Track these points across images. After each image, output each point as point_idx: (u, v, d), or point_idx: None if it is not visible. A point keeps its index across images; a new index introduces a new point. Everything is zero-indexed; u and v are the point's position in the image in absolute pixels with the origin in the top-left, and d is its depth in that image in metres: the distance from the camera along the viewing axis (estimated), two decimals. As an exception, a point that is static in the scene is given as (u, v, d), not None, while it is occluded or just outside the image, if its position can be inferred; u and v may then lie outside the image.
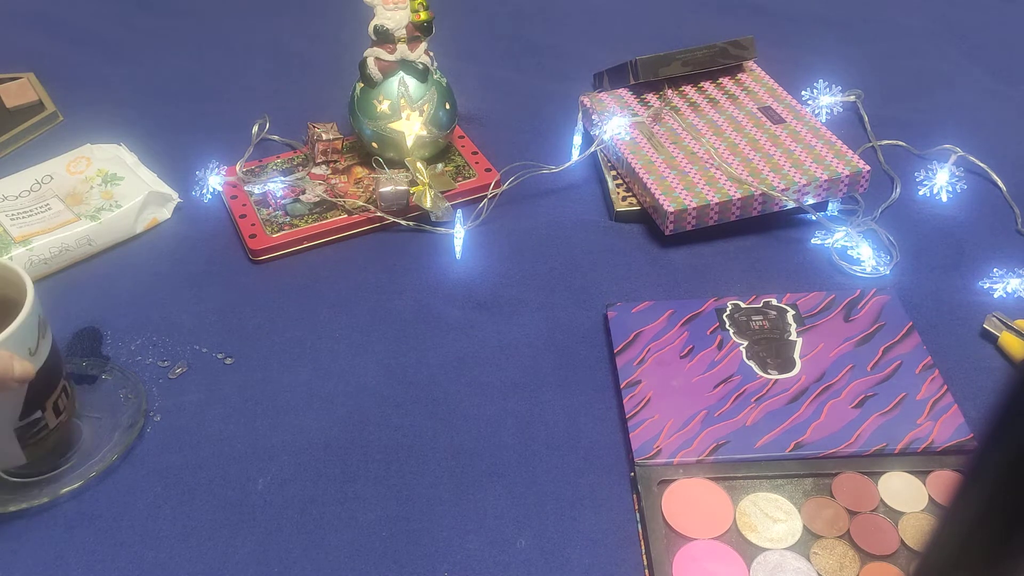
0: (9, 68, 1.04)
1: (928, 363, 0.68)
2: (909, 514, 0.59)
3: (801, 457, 0.62)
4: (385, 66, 0.83)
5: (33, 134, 0.96)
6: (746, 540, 0.58)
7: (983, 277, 0.77)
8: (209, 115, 0.99)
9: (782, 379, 0.67)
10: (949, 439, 0.62)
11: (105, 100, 1.01)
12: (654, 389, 0.67)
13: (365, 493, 0.63)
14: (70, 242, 0.79)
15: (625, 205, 0.84)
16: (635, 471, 0.62)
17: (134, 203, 0.82)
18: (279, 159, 0.90)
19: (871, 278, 0.78)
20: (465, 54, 1.05)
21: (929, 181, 0.86)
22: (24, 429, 0.60)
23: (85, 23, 1.14)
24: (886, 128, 0.94)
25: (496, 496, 0.62)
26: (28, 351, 0.58)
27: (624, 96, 0.93)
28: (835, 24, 1.13)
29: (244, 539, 0.60)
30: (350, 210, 0.83)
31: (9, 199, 0.82)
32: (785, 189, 0.79)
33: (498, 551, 0.59)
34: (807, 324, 0.71)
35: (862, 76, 1.01)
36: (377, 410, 0.68)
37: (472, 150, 0.90)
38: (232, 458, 0.65)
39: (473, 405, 0.68)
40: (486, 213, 0.84)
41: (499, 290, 0.78)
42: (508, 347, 0.73)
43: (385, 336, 0.74)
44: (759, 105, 0.89)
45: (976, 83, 1.02)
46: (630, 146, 0.86)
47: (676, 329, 0.72)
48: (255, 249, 0.80)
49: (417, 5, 0.82)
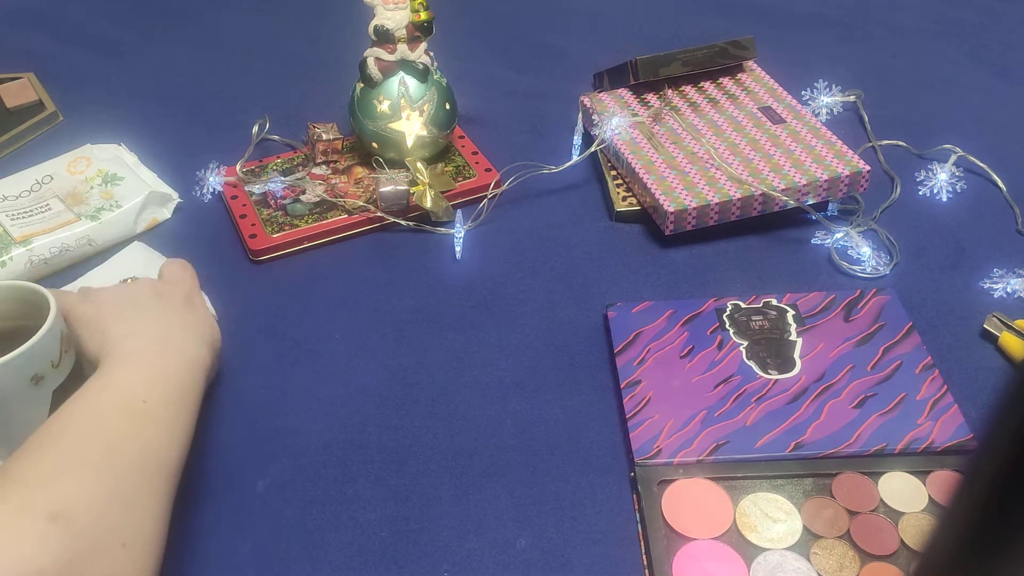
0: (9, 68, 1.04)
1: (928, 363, 0.68)
2: (909, 514, 0.59)
3: (801, 457, 0.62)
4: (385, 66, 0.83)
5: (33, 134, 0.96)
6: (746, 540, 0.58)
7: (983, 277, 0.77)
8: (209, 115, 0.99)
9: (782, 379, 0.67)
10: (949, 439, 0.62)
11: (105, 100, 1.01)
12: (654, 389, 0.67)
13: (365, 493, 0.63)
14: (70, 242, 0.79)
15: (625, 205, 0.84)
16: (635, 471, 0.62)
17: (134, 203, 0.82)
18: (279, 159, 0.90)
19: (871, 278, 0.78)
20: (465, 54, 1.05)
21: (929, 181, 0.86)
22: None
23: (85, 23, 1.14)
24: (886, 128, 0.94)
25: (496, 496, 0.62)
26: (51, 364, 0.59)
27: (624, 96, 0.93)
28: (835, 24, 1.13)
29: (244, 539, 0.60)
30: (350, 210, 0.83)
31: (9, 199, 0.82)
32: (785, 189, 0.79)
33: (498, 551, 0.59)
34: (807, 324, 0.71)
35: (862, 76, 1.01)
36: (377, 410, 0.68)
37: (472, 150, 0.90)
38: (232, 459, 0.65)
39: (473, 405, 0.68)
40: (486, 213, 0.84)
41: (499, 290, 0.78)
42: (508, 347, 0.73)
43: (385, 336, 0.74)
44: (759, 105, 0.89)
45: (976, 83, 1.02)
46: (630, 146, 0.86)
47: (676, 329, 0.72)
48: (255, 249, 0.80)
49: (417, 5, 0.82)
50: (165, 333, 0.62)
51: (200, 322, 0.67)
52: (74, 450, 0.52)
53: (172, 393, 0.58)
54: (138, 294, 0.67)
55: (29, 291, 0.62)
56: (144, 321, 0.63)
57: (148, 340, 0.61)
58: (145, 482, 0.53)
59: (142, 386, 0.57)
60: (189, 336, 0.64)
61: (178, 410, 0.58)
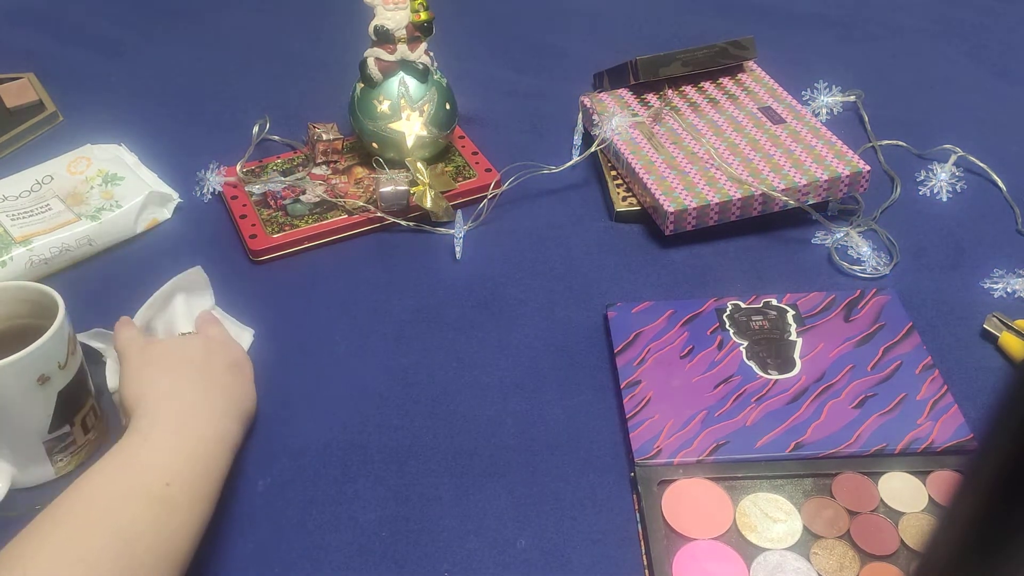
0: (9, 68, 1.04)
1: (928, 363, 0.68)
2: (909, 514, 0.59)
3: (801, 457, 0.62)
4: (385, 66, 0.83)
5: (33, 134, 0.96)
6: (746, 540, 0.58)
7: (983, 277, 0.77)
8: (209, 115, 0.99)
9: (782, 379, 0.67)
10: (949, 439, 0.62)
11: (105, 100, 1.01)
12: (654, 389, 0.67)
13: (365, 493, 0.63)
14: (70, 242, 0.79)
15: (625, 205, 0.84)
16: (635, 471, 0.62)
17: (134, 203, 0.82)
18: (279, 159, 0.90)
19: (871, 278, 0.78)
20: (465, 54, 1.05)
21: (929, 181, 0.86)
22: (53, 443, 0.62)
23: (85, 23, 1.14)
24: (886, 128, 0.94)
25: (496, 496, 0.62)
26: (58, 365, 0.60)
27: (624, 96, 0.93)
28: (835, 24, 1.13)
29: (244, 539, 0.60)
30: (350, 210, 0.83)
31: (9, 199, 0.82)
32: (785, 189, 0.79)
33: (498, 551, 0.59)
34: (807, 324, 0.71)
35: (862, 76, 1.01)
36: (377, 410, 0.68)
37: (472, 150, 0.90)
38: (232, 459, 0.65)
39: (473, 405, 0.68)
40: (486, 213, 0.84)
41: (499, 290, 0.78)
42: (508, 347, 0.73)
43: (385, 336, 0.74)
44: (759, 105, 0.89)
45: (976, 83, 1.02)
46: (630, 146, 0.86)
47: (676, 329, 0.72)
48: (255, 249, 0.80)
49: (417, 5, 0.82)
50: (203, 400, 0.61)
51: (241, 393, 0.65)
52: (80, 538, 0.49)
53: (198, 472, 0.56)
54: (189, 353, 0.66)
55: (39, 292, 0.62)
56: (187, 382, 0.62)
57: (185, 405, 0.60)
58: (152, 574, 0.50)
59: (167, 464, 0.55)
60: (226, 407, 0.63)
61: (201, 495, 0.56)
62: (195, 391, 0.62)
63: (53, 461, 0.62)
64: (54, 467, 0.63)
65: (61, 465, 0.63)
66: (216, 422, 0.61)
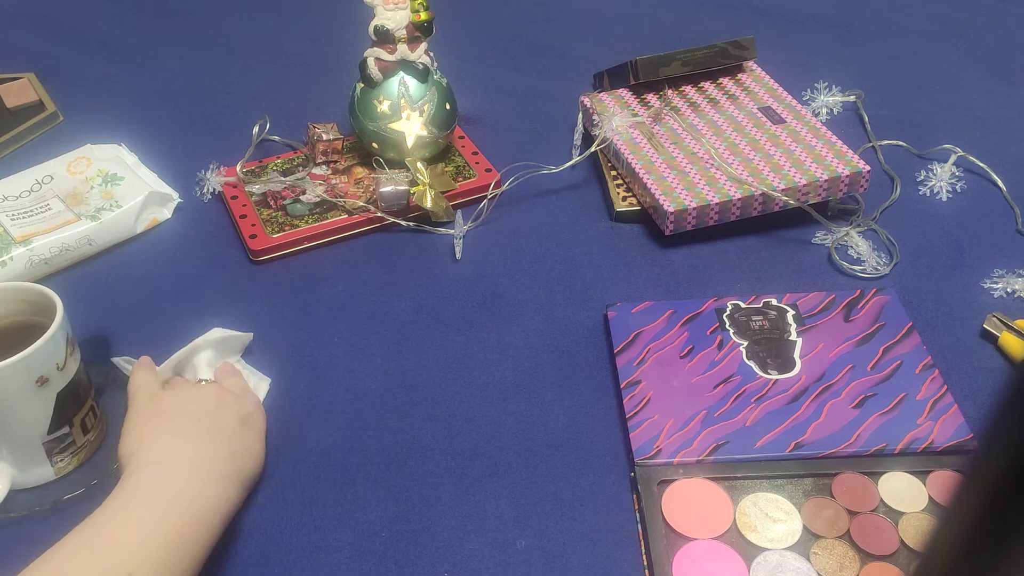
0: (9, 68, 1.04)
1: (928, 363, 0.68)
2: (909, 514, 0.59)
3: (801, 457, 0.62)
4: (385, 66, 0.83)
5: (33, 134, 0.96)
6: (746, 540, 0.58)
7: (983, 277, 0.77)
8: (209, 115, 0.99)
9: (782, 379, 0.67)
10: (949, 439, 0.62)
11: (105, 100, 1.01)
12: (654, 389, 0.67)
13: (365, 494, 0.63)
14: (70, 242, 0.79)
15: (625, 205, 0.84)
16: (635, 471, 0.62)
17: (134, 203, 0.82)
18: (279, 159, 0.90)
19: (871, 278, 0.78)
20: (465, 54, 1.05)
21: (929, 181, 0.86)
22: (52, 444, 0.62)
23: (85, 23, 1.14)
24: (886, 128, 0.94)
25: (496, 496, 0.62)
26: (56, 367, 0.60)
27: (624, 96, 0.93)
28: (835, 24, 1.13)
29: (244, 540, 0.60)
30: (350, 210, 0.83)
31: (9, 199, 0.82)
32: (785, 189, 0.79)
33: (498, 551, 0.59)
34: (807, 324, 0.71)
35: (862, 76, 1.01)
36: (377, 410, 0.68)
37: (472, 150, 0.90)
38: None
39: (473, 406, 0.68)
40: (486, 213, 0.84)
41: (499, 290, 0.78)
42: (508, 347, 0.73)
43: (385, 336, 0.74)
44: (759, 105, 0.89)
45: (976, 83, 1.02)
46: (630, 146, 0.86)
47: (676, 329, 0.72)
48: (255, 249, 0.80)
49: (417, 5, 0.82)
50: (200, 463, 0.58)
51: (246, 451, 0.62)
52: None
53: (171, 555, 0.52)
54: (199, 405, 0.63)
55: (38, 293, 0.62)
56: (188, 442, 0.60)
57: (177, 471, 0.57)
58: None
59: (134, 550, 0.51)
60: (226, 472, 0.59)
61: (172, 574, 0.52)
62: (195, 452, 0.59)
63: (53, 462, 0.63)
64: (54, 468, 0.63)
65: (61, 466, 0.63)
66: (210, 490, 0.57)
